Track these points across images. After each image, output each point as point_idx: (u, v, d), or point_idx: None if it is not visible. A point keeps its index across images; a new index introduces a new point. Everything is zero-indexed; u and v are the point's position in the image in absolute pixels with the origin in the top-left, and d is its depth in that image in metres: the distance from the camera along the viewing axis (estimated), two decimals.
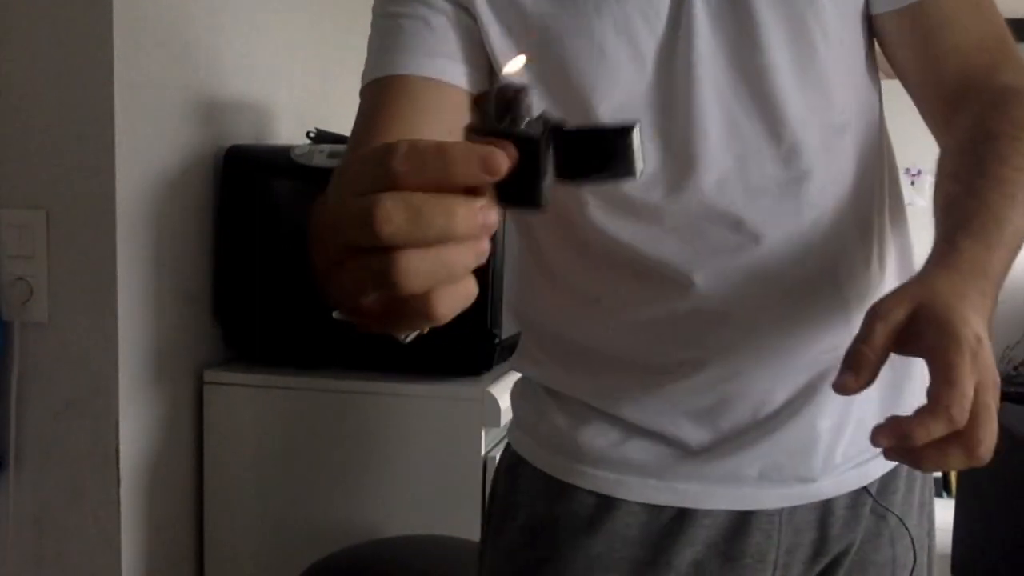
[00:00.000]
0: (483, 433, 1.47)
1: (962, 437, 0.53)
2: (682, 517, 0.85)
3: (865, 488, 0.86)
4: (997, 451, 0.54)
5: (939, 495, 3.82)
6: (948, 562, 3.09)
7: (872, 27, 0.84)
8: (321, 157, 1.56)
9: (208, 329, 1.64)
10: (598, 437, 0.87)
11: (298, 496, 1.57)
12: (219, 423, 1.61)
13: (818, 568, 0.86)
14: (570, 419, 0.89)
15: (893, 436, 0.53)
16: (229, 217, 1.62)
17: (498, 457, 1.42)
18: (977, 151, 0.72)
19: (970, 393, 0.53)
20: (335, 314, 0.45)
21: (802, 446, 0.83)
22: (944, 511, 3.57)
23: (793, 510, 0.84)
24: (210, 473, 1.61)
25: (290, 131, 1.82)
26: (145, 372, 1.47)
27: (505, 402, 1.48)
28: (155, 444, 1.50)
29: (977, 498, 2.90)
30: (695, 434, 0.84)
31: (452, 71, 0.79)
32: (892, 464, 0.86)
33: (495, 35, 0.80)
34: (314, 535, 1.52)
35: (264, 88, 1.77)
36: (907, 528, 0.88)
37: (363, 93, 0.83)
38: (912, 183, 3.83)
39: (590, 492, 0.86)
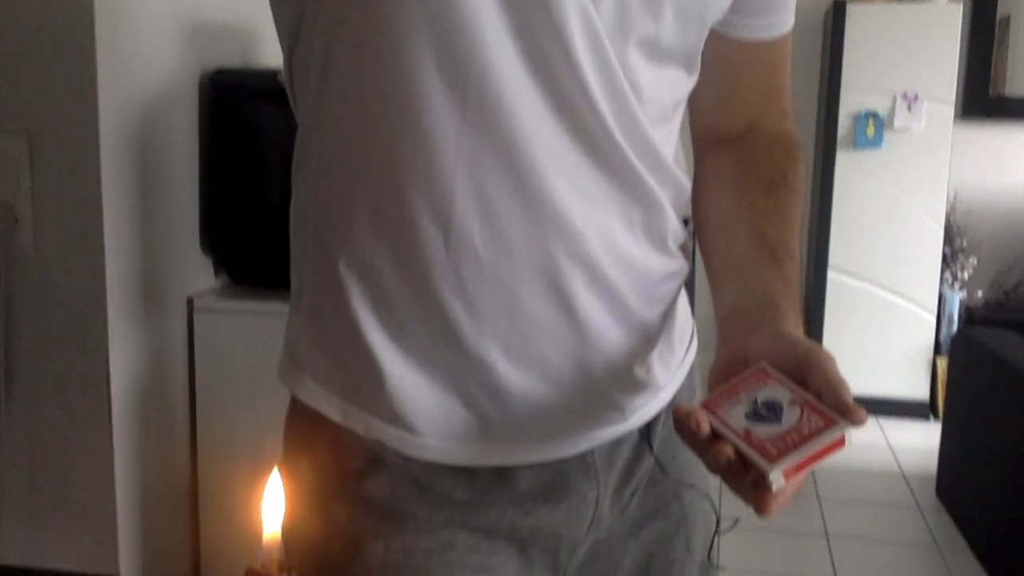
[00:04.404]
0: None
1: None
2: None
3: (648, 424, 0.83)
4: (985, 375, 0.56)
5: (925, 418, 3.87)
6: (932, 484, 3.14)
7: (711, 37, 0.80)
8: None
9: (197, 255, 1.64)
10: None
11: None
12: (210, 349, 1.61)
13: (625, 495, 0.84)
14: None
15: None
16: (215, 142, 1.60)
17: None
18: (780, 201, 0.82)
19: None
20: None
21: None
22: (930, 434, 3.62)
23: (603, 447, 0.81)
24: (202, 399, 1.62)
25: (276, 54, 1.79)
26: (134, 299, 1.47)
27: None
28: (146, 372, 1.51)
29: (963, 422, 2.94)
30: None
31: None
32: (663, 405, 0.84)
33: None
34: None
35: (249, 10, 1.73)
36: (662, 466, 0.85)
37: None
38: (909, 108, 3.79)
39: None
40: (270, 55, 1.79)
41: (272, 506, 0.51)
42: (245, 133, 1.58)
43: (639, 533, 0.85)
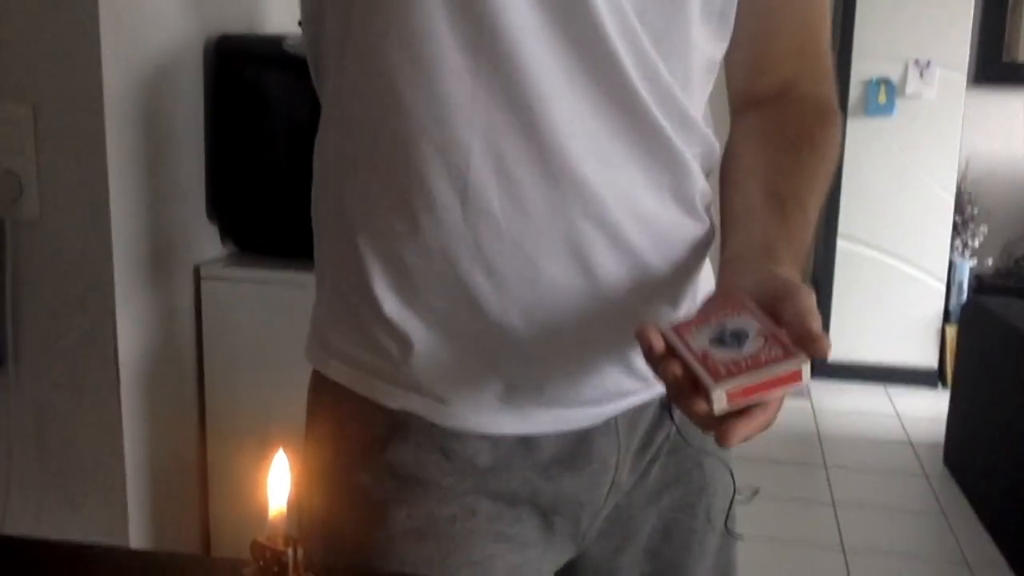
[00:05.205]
0: None
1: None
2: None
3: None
4: (995, 343, 0.55)
5: (934, 386, 3.87)
6: (940, 452, 3.14)
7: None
8: None
9: (203, 224, 1.63)
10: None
11: (299, 388, 1.58)
12: (218, 318, 1.61)
13: (645, 460, 0.83)
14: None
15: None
16: (221, 109, 1.58)
17: None
18: (801, 158, 0.79)
19: None
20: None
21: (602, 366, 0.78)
22: (939, 402, 3.62)
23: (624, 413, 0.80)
24: (210, 369, 1.62)
25: (281, 20, 1.77)
26: (141, 268, 1.46)
27: None
28: (154, 341, 1.51)
29: (972, 390, 2.93)
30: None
31: None
32: None
33: None
34: None
35: None
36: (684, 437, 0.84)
37: None
38: (921, 75, 3.75)
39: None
40: (275, 21, 1.77)
41: (277, 483, 0.52)
42: (251, 100, 1.57)
43: (659, 500, 0.85)
